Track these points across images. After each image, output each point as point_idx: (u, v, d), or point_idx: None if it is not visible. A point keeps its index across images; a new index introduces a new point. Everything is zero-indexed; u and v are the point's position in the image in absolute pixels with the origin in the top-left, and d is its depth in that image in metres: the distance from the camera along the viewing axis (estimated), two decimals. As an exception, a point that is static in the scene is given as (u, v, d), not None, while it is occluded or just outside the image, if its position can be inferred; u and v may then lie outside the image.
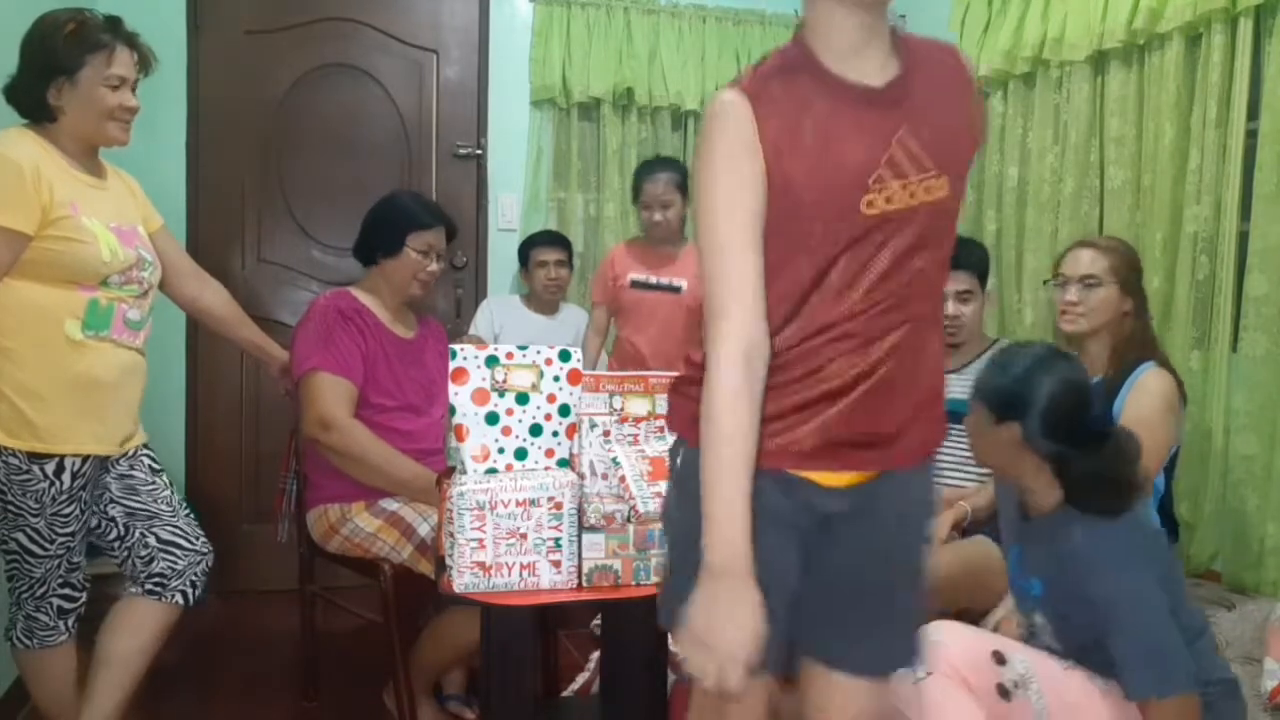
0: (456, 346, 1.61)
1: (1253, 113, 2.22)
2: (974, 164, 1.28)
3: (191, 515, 2.10)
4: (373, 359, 2.26)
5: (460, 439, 1.60)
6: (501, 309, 3.32)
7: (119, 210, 1.95)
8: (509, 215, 3.60)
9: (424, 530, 2.14)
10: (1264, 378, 2.17)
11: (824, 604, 1.24)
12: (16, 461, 1.79)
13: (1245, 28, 2.22)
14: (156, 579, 2.00)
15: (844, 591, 1.23)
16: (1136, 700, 1.49)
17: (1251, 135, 2.22)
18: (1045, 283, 2.78)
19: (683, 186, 3.00)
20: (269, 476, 3.25)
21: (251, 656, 2.86)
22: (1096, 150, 2.69)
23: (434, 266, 2.37)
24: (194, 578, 2.05)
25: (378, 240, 2.36)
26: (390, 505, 2.23)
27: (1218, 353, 2.27)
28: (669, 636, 1.62)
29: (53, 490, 1.82)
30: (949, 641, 1.62)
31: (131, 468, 2.00)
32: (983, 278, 2.59)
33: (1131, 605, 1.49)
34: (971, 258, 2.59)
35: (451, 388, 1.60)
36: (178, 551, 2.03)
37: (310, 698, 2.54)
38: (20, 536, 1.85)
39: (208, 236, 3.32)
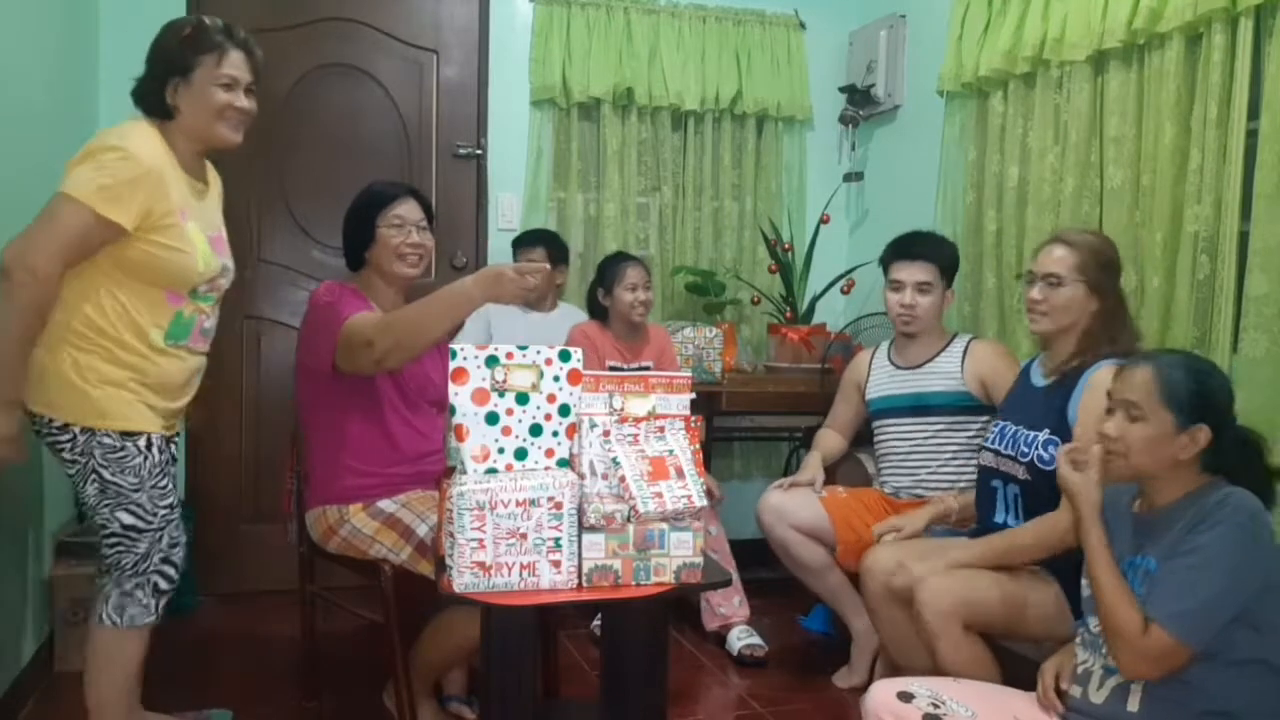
0: (456, 347, 1.61)
1: (1253, 112, 2.22)
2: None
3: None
4: None
5: (460, 439, 1.59)
6: (498, 306, 3.31)
7: (213, 218, 2.07)
8: (509, 215, 3.60)
9: (422, 531, 2.14)
10: (1265, 378, 2.17)
11: None
12: (110, 440, 1.89)
13: (1245, 27, 2.22)
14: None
15: None
16: (1151, 615, 1.48)
17: (1252, 135, 2.22)
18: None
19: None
20: (269, 476, 3.26)
21: (251, 657, 2.86)
22: (1096, 150, 2.69)
23: (415, 237, 2.28)
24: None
25: (355, 235, 2.31)
26: (388, 507, 2.22)
27: (1219, 353, 2.26)
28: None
29: (147, 464, 1.93)
30: (875, 702, 1.70)
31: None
32: (945, 273, 2.67)
33: (1215, 562, 1.47)
34: (936, 251, 2.67)
35: (451, 388, 1.60)
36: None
37: (310, 698, 2.55)
38: (123, 515, 1.92)
39: (208, 236, 3.32)
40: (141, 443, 1.92)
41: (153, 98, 1.95)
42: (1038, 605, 2.01)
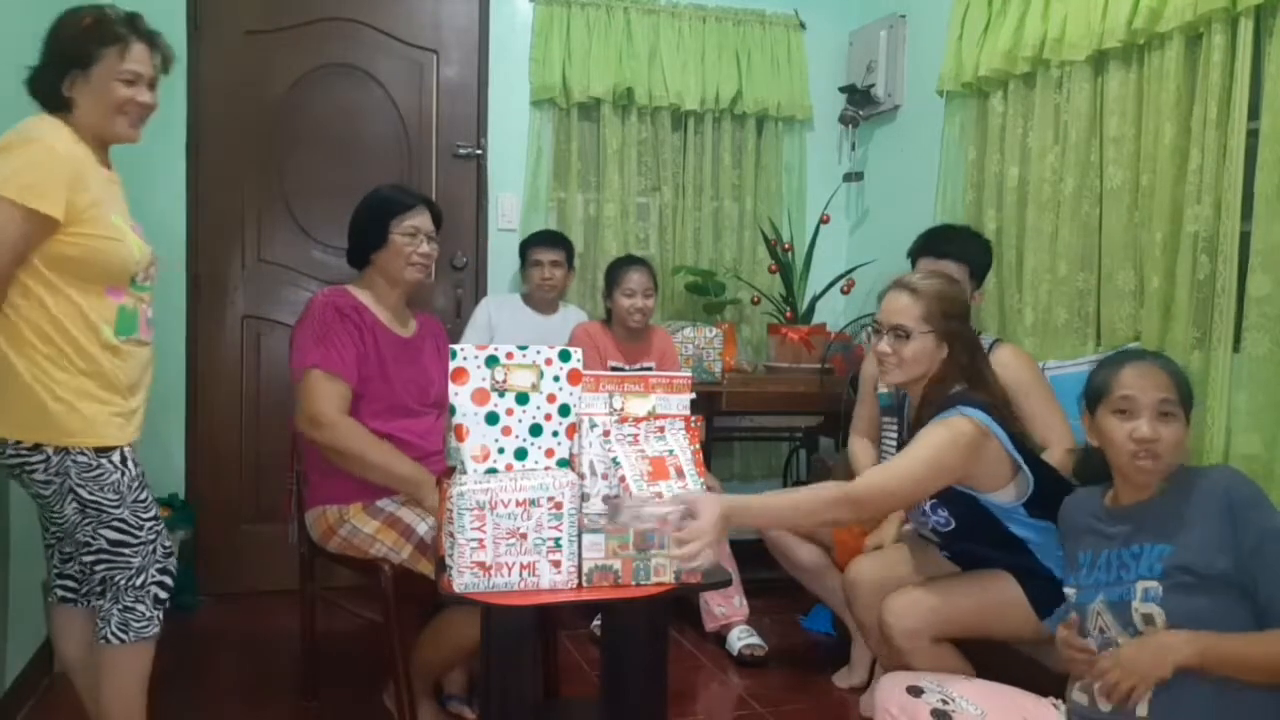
0: (457, 347, 1.61)
1: (1253, 112, 2.22)
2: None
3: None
4: (368, 358, 2.25)
5: (460, 439, 1.60)
6: (500, 307, 3.33)
7: (125, 207, 1.97)
8: (509, 215, 3.60)
9: (422, 530, 2.14)
10: (1266, 377, 2.17)
11: None
12: (85, 459, 1.81)
13: (1245, 27, 2.22)
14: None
15: None
16: None
17: (1252, 135, 2.22)
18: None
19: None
20: (269, 476, 3.26)
21: (251, 657, 2.86)
22: (1096, 150, 2.69)
23: (425, 248, 2.34)
24: None
25: (365, 237, 2.35)
26: (388, 506, 2.23)
27: (1220, 352, 2.27)
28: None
29: (125, 479, 1.86)
30: (884, 695, 1.69)
31: None
32: (976, 273, 2.57)
33: None
34: (966, 250, 2.57)
35: (451, 388, 1.60)
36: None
37: (310, 698, 2.54)
38: (108, 533, 1.85)
39: (208, 236, 3.32)
40: (115, 458, 1.84)
41: (48, 90, 1.84)
42: (1006, 605, 1.98)
